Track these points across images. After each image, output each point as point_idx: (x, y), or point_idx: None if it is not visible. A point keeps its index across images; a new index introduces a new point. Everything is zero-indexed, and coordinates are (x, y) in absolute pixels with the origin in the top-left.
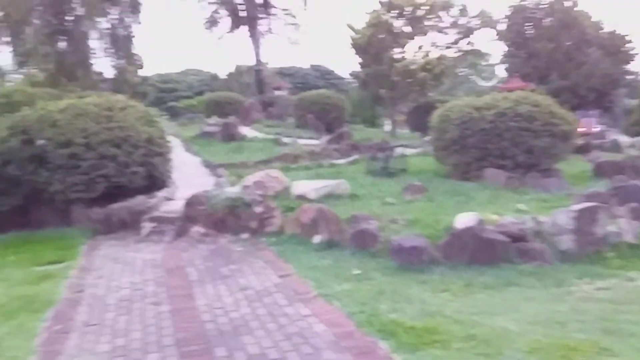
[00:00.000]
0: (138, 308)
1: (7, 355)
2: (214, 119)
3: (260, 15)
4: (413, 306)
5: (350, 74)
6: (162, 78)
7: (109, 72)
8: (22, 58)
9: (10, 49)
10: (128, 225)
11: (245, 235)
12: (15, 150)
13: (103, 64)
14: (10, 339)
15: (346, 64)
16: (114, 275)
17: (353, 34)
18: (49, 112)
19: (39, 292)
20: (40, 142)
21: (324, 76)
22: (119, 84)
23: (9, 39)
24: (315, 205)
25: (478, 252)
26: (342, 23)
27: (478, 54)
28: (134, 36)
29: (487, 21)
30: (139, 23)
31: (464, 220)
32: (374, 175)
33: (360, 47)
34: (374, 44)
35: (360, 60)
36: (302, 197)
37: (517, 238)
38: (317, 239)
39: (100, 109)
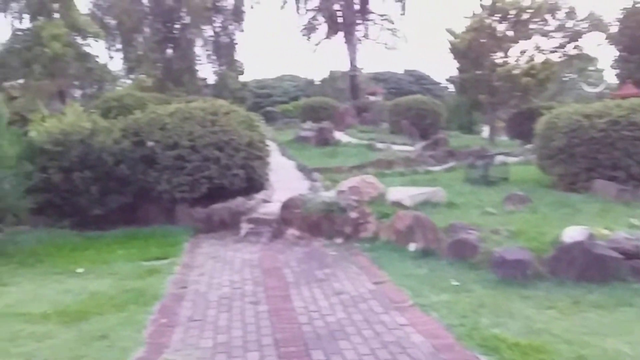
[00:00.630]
0: (238, 306)
1: (119, 346)
2: (309, 124)
3: (357, 21)
4: (516, 322)
5: (447, 79)
6: (258, 84)
7: (212, 78)
8: (132, 64)
9: (122, 55)
10: (228, 225)
11: (339, 240)
12: (127, 151)
13: (206, 70)
14: (120, 329)
15: (442, 68)
16: (215, 273)
17: (452, 38)
18: (159, 115)
19: (146, 286)
20: (150, 143)
21: (419, 81)
22: (220, 89)
23: (120, 46)
24: (411, 212)
25: (587, 268)
26: (438, 27)
27: (585, 59)
28: (236, 43)
29: (596, 24)
30: (242, 31)
31: (572, 233)
32: (473, 183)
33: (459, 52)
34: (474, 49)
35: (458, 65)
36: (397, 204)
37: (631, 255)
38: (412, 246)
39: (205, 114)
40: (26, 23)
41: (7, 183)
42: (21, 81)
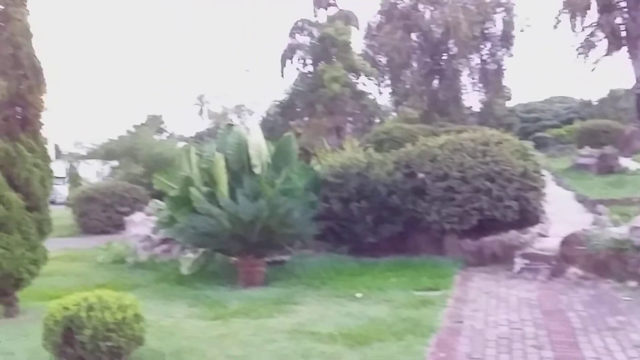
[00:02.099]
0: (519, 349)
1: None
2: (587, 150)
3: None
4: None
5: None
6: (525, 108)
7: (477, 106)
8: (400, 97)
9: (390, 90)
10: (499, 259)
11: (633, 283)
12: (398, 182)
13: (472, 98)
14: (401, 358)
15: None
16: (490, 310)
17: None
18: (429, 147)
19: (421, 316)
20: (420, 175)
21: None
22: (486, 116)
23: (389, 81)
24: None
25: None
26: None
27: None
28: (504, 69)
29: None
30: (511, 56)
31: None
32: None
33: None
34: None
35: None
36: None
37: None
38: None
39: (476, 144)
40: (308, 67)
41: (297, 212)
42: (305, 119)
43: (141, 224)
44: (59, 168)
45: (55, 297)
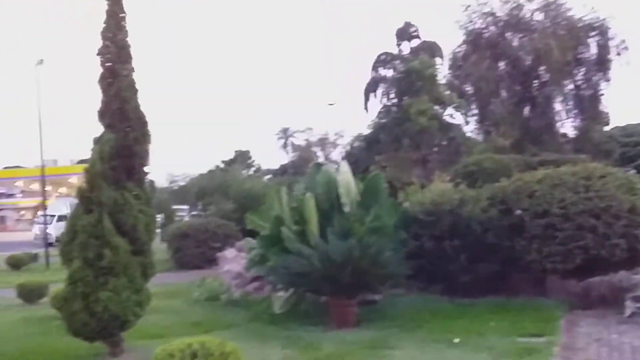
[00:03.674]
0: None
1: None
2: None
3: None
4: None
5: None
6: (623, 131)
7: (572, 132)
8: (488, 127)
9: (477, 119)
10: (608, 301)
11: None
12: (494, 219)
13: (566, 125)
14: None
15: None
16: None
17: None
18: (526, 182)
19: None
20: (517, 212)
21: None
22: (582, 143)
23: (476, 110)
24: None
25: None
26: None
27: None
28: (602, 94)
29: None
30: (608, 80)
31: None
32: None
33: None
34: None
35: None
36: None
37: None
38: None
39: (577, 178)
40: (393, 100)
41: (388, 251)
42: (390, 153)
43: (233, 260)
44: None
45: (156, 335)
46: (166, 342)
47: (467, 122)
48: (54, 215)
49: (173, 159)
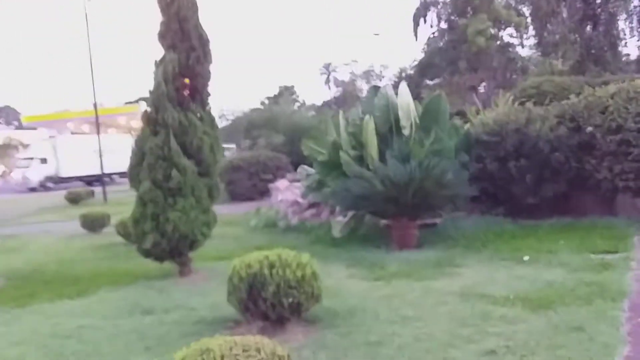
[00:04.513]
0: None
1: (599, 341)
2: None
3: None
4: None
5: None
6: None
7: (635, 53)
8: (548, 48)
9: (535, 41)
10: None
11: None
12: (562, 137)
13: (630, 45)
14: (594, 324)
15: None
16: None
17: None
18: (598, 97)
19: (605, 280)
20: (588, 129)
21: None
22: None
23: (534, 32)
24: None
25: None
26: None
27: None
28: None
29: None
30: None
31: None
32: None
33: None
34: None
35: None
36: None
37: None
38: None
39: None
40: (444, 24)
41: (450, 173)
42: (445, 77)
43: (287, 190)
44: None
45: (220, 258)
46: (230, 263)
47: (522, 45)
48: (34, 159)
49: (220, 97)
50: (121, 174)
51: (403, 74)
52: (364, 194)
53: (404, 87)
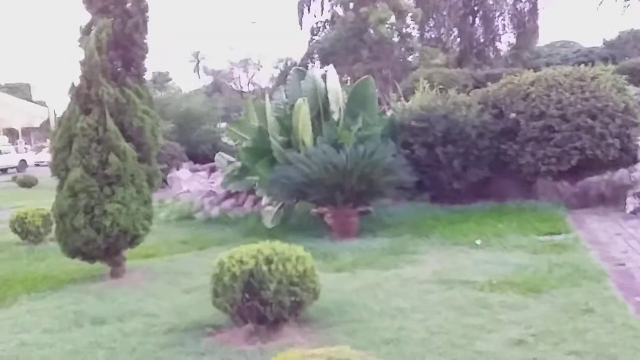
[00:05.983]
0: None
1: (618, 322)
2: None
3: None
4: None
5: None
6: (550, 49)
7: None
8: (432, 41)
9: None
10: (606, 200)
11: None
12: (488, 123)
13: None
14: (599, 305)
15: None
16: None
17: None
18: (518, 85)
19: (572, 261)
20: (512, 115)
21: None
22: (513, 59)
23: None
24: None
25: None
26: None
27: None
28: (538, 9)
29: None
30: None
31: None
32: None
33: None
34: None
35: None
36: None
37: None
38: None
39: (571, 79)
40: (334, 12)
41: (390, 158)
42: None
43: (192, 180)
44: None
45: (147, 255)
46: (162, 260)
47: (422, 36)
48: None
49: None
50: None
51: (288, 62)
52: (307, 182)
53: (332, 71)
